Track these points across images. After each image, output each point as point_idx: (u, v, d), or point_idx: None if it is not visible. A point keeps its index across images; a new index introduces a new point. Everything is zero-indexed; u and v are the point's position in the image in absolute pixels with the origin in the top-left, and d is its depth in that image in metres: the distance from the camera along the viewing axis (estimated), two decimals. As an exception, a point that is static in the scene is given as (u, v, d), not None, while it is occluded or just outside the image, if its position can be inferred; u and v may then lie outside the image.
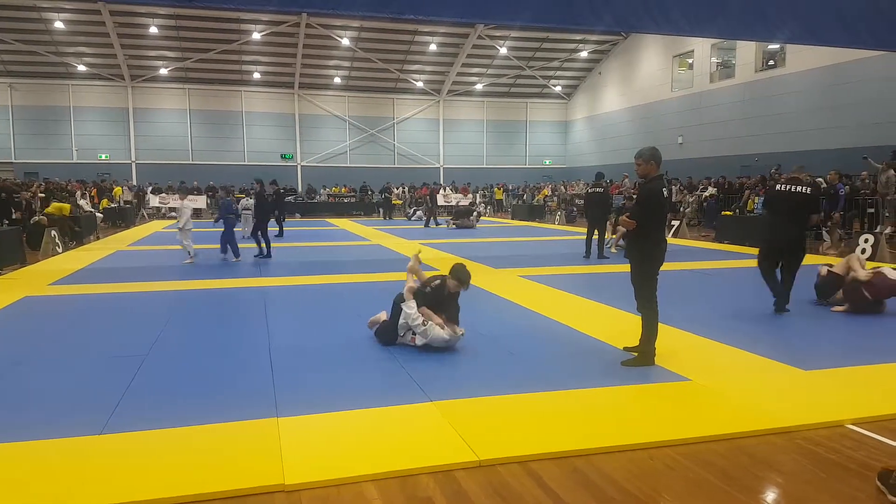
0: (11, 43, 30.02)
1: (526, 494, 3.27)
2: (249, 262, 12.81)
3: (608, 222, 13.90)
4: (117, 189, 29.57)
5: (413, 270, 6.43)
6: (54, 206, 15.93)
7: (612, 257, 12.98)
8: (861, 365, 5.39)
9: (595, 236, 13.16)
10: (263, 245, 13.24)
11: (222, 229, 13.08)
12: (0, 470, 3.46)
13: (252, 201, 19.16)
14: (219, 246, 13.20)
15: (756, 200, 18.74)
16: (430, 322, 5.85)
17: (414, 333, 5.88)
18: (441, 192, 29.81)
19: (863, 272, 7.47)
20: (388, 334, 6.08)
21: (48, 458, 3.58)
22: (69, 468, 3.47)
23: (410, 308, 5.89)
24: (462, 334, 5.93)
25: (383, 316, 6.32)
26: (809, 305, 7.97)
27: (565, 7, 7.15)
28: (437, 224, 23.69)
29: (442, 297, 6.04)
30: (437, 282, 6.10)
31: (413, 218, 28.13)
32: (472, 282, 6.14)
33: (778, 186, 8.03)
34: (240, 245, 13.31)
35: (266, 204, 13.92)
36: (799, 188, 7.58)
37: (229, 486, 3.27)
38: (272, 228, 19.06)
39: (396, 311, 6.06)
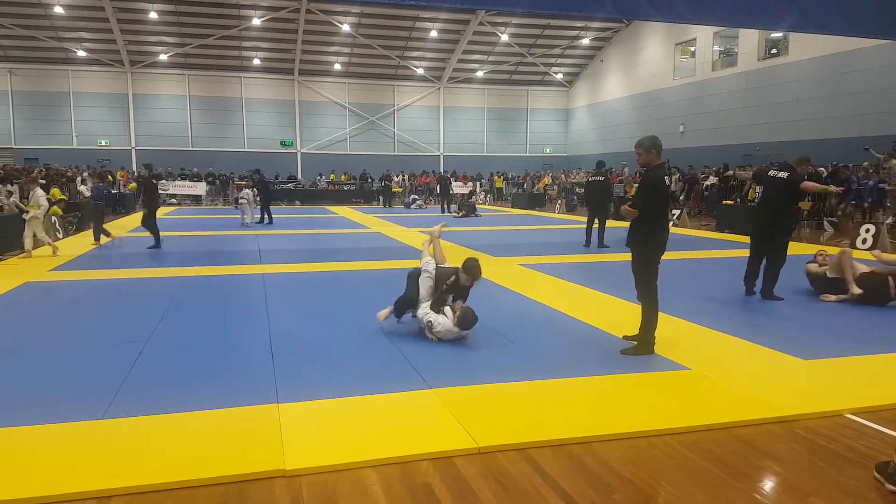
0: (11, 28, 29.84)
1: (524, 481, 3.29)
2: (243, 250, 12.81)
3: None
4: (121, 173, 29.51)
5: (435, 237, 6.58)
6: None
7: (612, 246, 12.96)
8: (861, 355, 5.40)
9: (595, 225, 13.14)
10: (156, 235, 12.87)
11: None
12: (1, 454, 3.48)
13: (249, 192, 19.20)
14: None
15: (757, 190, 18.71)
16: (440, 318, 5.86)
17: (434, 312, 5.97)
18: (454, 181, 29.82)
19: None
20: (404, 302, 6.15)
21: (49, 443, 3.59)
22: (70, 452, 3.49)
23: (425, 309, 5.96)
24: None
25: (390, 309, 6.34)
26: (809, 295, 7.98)
27: (566, -7, 7.11)
28: (450, 212, 23.58)
29: (457, 290, 6.14)
30: (453, 278, 6.12)
31: (413, 207, 28.10)
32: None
33: (770, 172, 8.16)
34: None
35: (155, 192, 13.38)
36: (779, 173, 7.70)
37: (230, 472, 3.29)
38: (288, 216, 19.19)
39: (412, 283, 6.15)
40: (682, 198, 22.50)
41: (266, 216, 18.89)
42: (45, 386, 4.61)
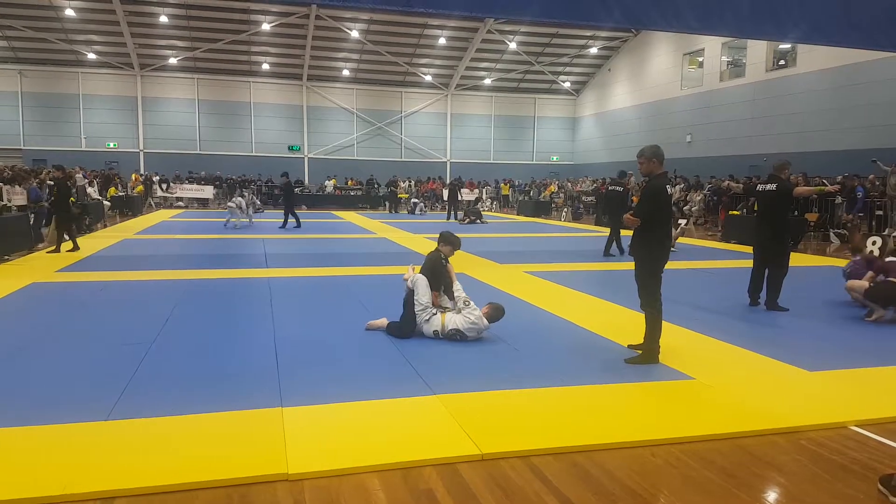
0: (22, 30, 30.09)
1: (527, 488, 3.28)
2: (249, 254, 12.85)
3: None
4: (135, 176, 29.65)
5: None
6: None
7: (617, 255, 12.94)
8: (865, 367, 5.38)
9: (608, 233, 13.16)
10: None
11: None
12: (6, 454, 3.50)
13: (241, 199, 19.24)
14: None
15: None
16: (472, 304, 6.05)
17: (434, 317, 6.04)
18: (462, 188, 29.86)
19: None
20: (404, 328, 6.14)
21: (54, 443, 3.61)
22: (75, 453, 3.50)
23: (458, 288, 6.14)
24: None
25: (383, 322, 6.37)
26: (814, 306, 7.95)
27: (574, 1, 7.12)
28: (458, 219, 23.59)
29: (441, 266, 6.31)
30: (433, 254, 6.38)
31: (417, 212, 28.12)
32: (478, 277, 6.19)
33: (758, 186, 8.14)
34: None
35: (68, 196, 12.71)
36: (766, 186, 7.68)
37: (233, 475, 3.29)
38: (276, 220, 19.20)
39: (409, 307, 6.16)
40: (692, 208, 22.40)
41: (294, 220, 18.73)
42: (51, 387, 4.64)
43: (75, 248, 12.21)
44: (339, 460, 3.47)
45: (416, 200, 29.67)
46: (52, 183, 14.91)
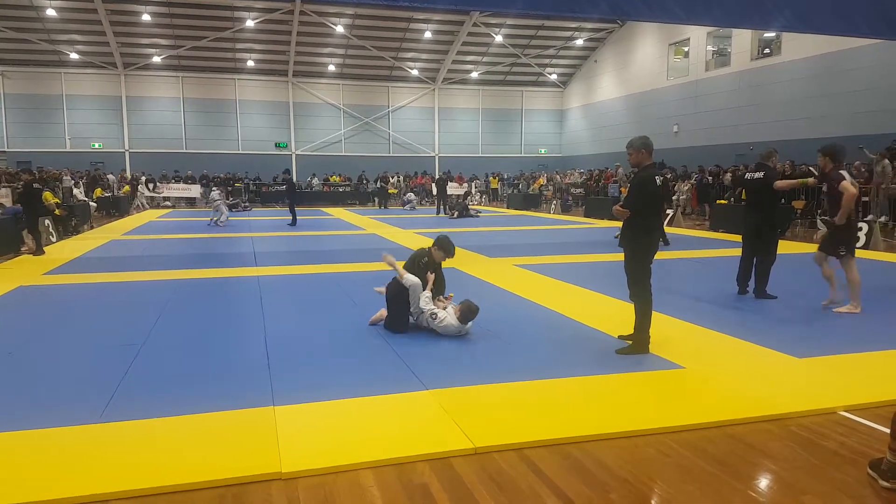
0: (3, 31, 29.71)
1: (521, 481, 3.29)
2: (238, 252, 12.80)
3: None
4: (121, 176, 29.42)
5: (392, 264, 6.47)
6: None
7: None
8: (854, 353, 5.44)
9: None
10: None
11: None
12: (-3, 459, 3.47)
13: (216, 192, 19.21)
14: None
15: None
16: (444, 312, 5.98)
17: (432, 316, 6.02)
18: (450, 182, 29.89)
19: None
20: (399, 322, 6.13)
21: (46, 447, 3.59)
22: (67, 456, 3.48)
23: (425, 300, 6.04)
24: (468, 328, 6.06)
25: (383, 314, 6.36)
26: (802, 294, 8.01)
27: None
28: (447, 213, 23.62)
29: (419, 267, 6.30)
30: (426, 258, 6.36)
31: (407, 207, 28.09)
32: (468, 271, 6.18)
33: (746, 175, 8.21)
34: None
35: (38, 198, 12.57)
36: (754, 174, 7.76)
37: (226, 475, 3.28)
38: (284, 217, 19.14)
39: (396, 293, 6.12)
40: (680, 198, 22.47)
41: (292, 217, 18.98)
42: (41, 390, 4.60)
43: (38, 251, 11.94)
44: (333, 458, 3.47)
45: (411, 196, 29.55)
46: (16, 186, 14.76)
